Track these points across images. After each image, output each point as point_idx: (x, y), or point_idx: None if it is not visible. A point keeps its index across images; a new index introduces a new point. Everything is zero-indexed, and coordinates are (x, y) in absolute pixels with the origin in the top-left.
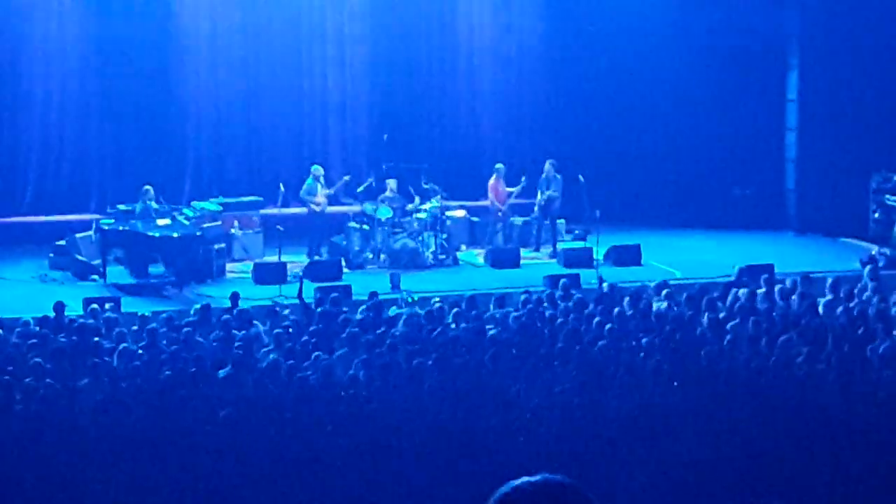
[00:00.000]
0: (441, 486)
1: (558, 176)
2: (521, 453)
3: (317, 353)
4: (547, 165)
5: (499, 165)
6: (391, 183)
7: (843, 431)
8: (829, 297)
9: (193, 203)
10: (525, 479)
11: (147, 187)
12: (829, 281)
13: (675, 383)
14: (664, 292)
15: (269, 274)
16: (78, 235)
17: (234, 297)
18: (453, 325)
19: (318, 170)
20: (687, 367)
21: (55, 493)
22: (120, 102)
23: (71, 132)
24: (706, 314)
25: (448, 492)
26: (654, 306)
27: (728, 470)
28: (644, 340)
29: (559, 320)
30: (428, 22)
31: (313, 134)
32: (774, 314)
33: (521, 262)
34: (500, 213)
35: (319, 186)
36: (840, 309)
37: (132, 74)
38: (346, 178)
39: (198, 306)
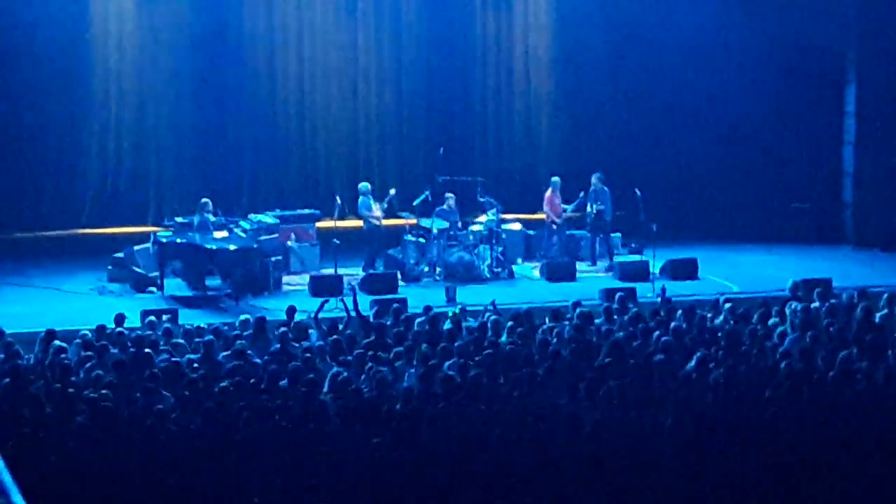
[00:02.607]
0: (494, 499)
1: (606, 189)
2: (577, 468)
3: (370, 365)
4: (593, 179)
5: (555, 178)
6: (450, 197)
7: None
8: (885, 311)
9: (250, 216)
10: None
11: (205, 200)
12: (886, 295)
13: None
14: (721, 306)
15: (326, 287)
16: (136, 248)
17: (290, 312)
18: (506, 339)
19: (365, 186)
20: (744, 383)
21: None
22: (176, 115)
23: (129, 145)
24: (763, 329)
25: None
26: (710, 321)
27: (786, 485)
28: (699, 355)
29: (615, 334)
30: (483, 36)
31: (369, 147)
32: (832, 329)
33: (577, 275)
34: (555, 227)
35: (372, 201)
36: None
37: (189, 88)
38: (393, 191)
39: (245, 317)
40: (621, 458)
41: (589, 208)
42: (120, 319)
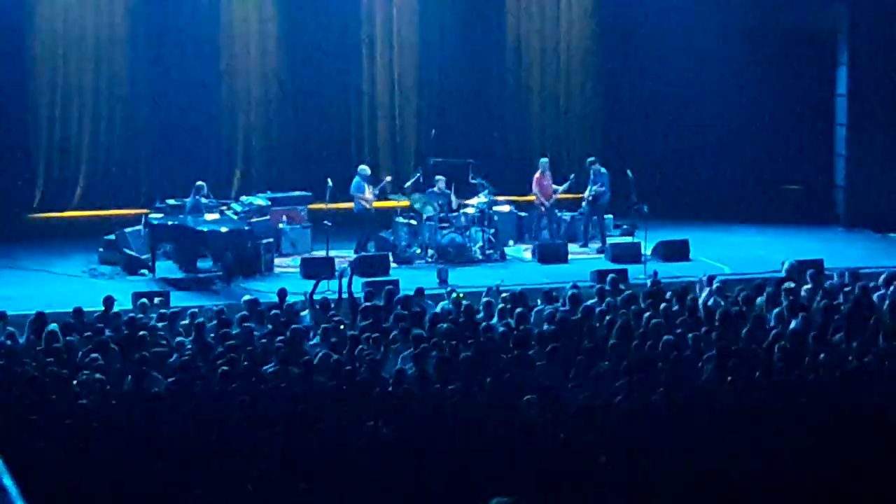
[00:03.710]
0: (487, 480)
1: (603, 170)
2: (570, 450)
3: (362, 347)
4: (588, 161)
5: (543, 159)
6: (440, 179)
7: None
8: (881, 291)
9: (242, 198)
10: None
11: (200, 183)
12: (883, 276)
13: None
14: (713, 287)
15: (317, 269)
16: (127, 230)
17: (282, 294)
18: (497, 321)
19: (364, 169)
20: (734, 364)
21: (103, 487)
22: (169, 97)
23: (120, 127)
24: (755, 310)
25: (494, 486)
26: (701, 300)
27: (777, 468)
28: (690, 336)
29: (607, 316)
30: (474, 17)
31: (361, 129)
32: (824, 310)
33: (569, 257)
34: (543, 209)
35: (366, 185)
36: (887, 304)
37: (181, 69)
38: (389, 178)
39: (248, 297)
40: (612, 439)
41: (588, 190)
42: (109, 302)
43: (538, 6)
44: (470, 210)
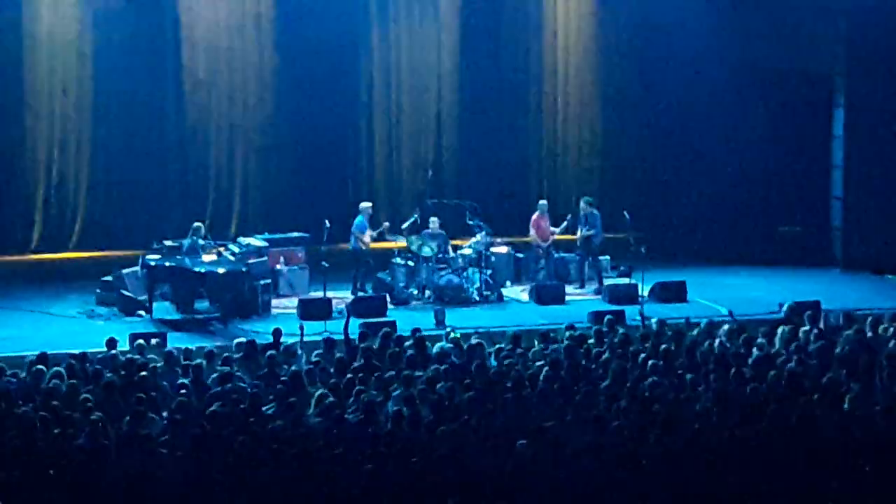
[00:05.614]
0: None
1: (595, 212)
2: (565, 493)
3: (359, 388)
4: (582, 203)
5: (542, 202)
6: (434, 220)
7: (890, 468)
8: (870, 334)
9: (239, 239)
10: None
11: (197, 224)
12: (870, 319)
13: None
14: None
15: (315, 310)
16: (124, 271)
17: (277, 334)
18: (495, 362)
19: (367, 207)
20: (732, 406)
21: None
22: (165, 138)
23: (117, 168)
24: (753, 352)
25: None
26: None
27: None
28: (689, 378)
29: (603, 357)
30: (471, 58)
31: (358, 170)
32: (821, 352)
33: (566, 298)
34: (540, 250)
35: (368, 225)
36: (885, 346)
37: (176, 112)
38: (386, 224)
39: (241, 340)
40: (607, 481)
41: (579, 232)
42: (111, 344)
43: (531, 41)
44: (467, 251)
